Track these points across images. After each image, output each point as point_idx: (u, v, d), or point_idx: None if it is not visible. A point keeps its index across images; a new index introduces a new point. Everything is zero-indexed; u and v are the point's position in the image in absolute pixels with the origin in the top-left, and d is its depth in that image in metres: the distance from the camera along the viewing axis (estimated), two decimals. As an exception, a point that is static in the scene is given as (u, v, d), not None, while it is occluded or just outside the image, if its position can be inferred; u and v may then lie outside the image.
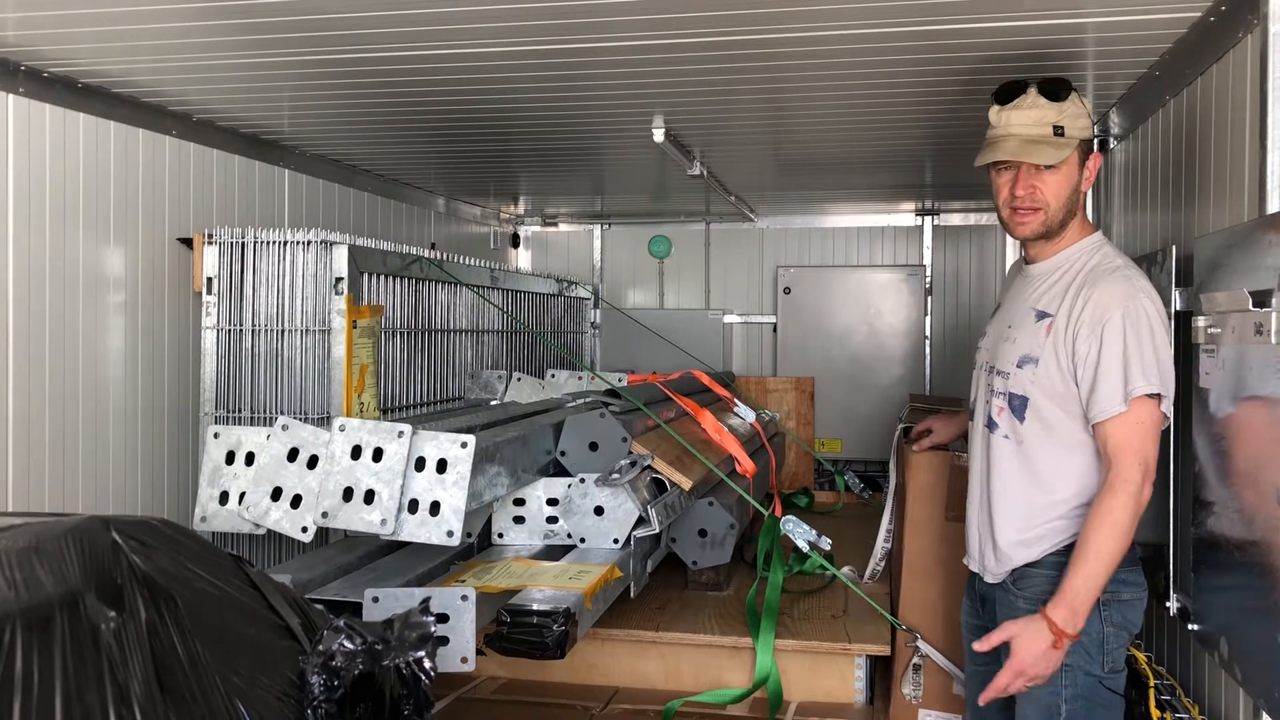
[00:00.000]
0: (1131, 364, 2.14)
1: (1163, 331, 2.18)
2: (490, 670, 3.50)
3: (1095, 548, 2.11)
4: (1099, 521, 2.12)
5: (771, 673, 3.31)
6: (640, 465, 3.24)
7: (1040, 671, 2.15)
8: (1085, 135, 2.31)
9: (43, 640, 1.23)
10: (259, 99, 3.49)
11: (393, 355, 4.02)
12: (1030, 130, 2.28)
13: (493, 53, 2.89)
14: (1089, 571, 2.12)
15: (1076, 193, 2.33)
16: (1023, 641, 2.16)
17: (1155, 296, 2.22)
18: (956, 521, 3.16)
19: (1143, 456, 2.14)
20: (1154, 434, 2.16)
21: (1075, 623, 2.13)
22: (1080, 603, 2.13)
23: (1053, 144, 2.27)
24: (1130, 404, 2.14)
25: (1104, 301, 2.19)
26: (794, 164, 4.86)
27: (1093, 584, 2.12)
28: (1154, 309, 2.19)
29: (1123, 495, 2.12)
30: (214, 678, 1.42)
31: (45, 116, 3.11)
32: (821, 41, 2.75)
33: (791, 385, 6.33)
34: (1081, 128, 2.30)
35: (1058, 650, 2.13)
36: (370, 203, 5.05)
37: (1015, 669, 2.16)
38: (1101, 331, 2.17)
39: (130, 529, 1.49)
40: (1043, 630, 2.15)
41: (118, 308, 3.43)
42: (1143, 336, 2.15)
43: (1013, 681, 2.17)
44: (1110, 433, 2.16)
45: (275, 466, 2.62)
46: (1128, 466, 2.13)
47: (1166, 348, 2.18)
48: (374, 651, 1.67)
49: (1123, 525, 2.11)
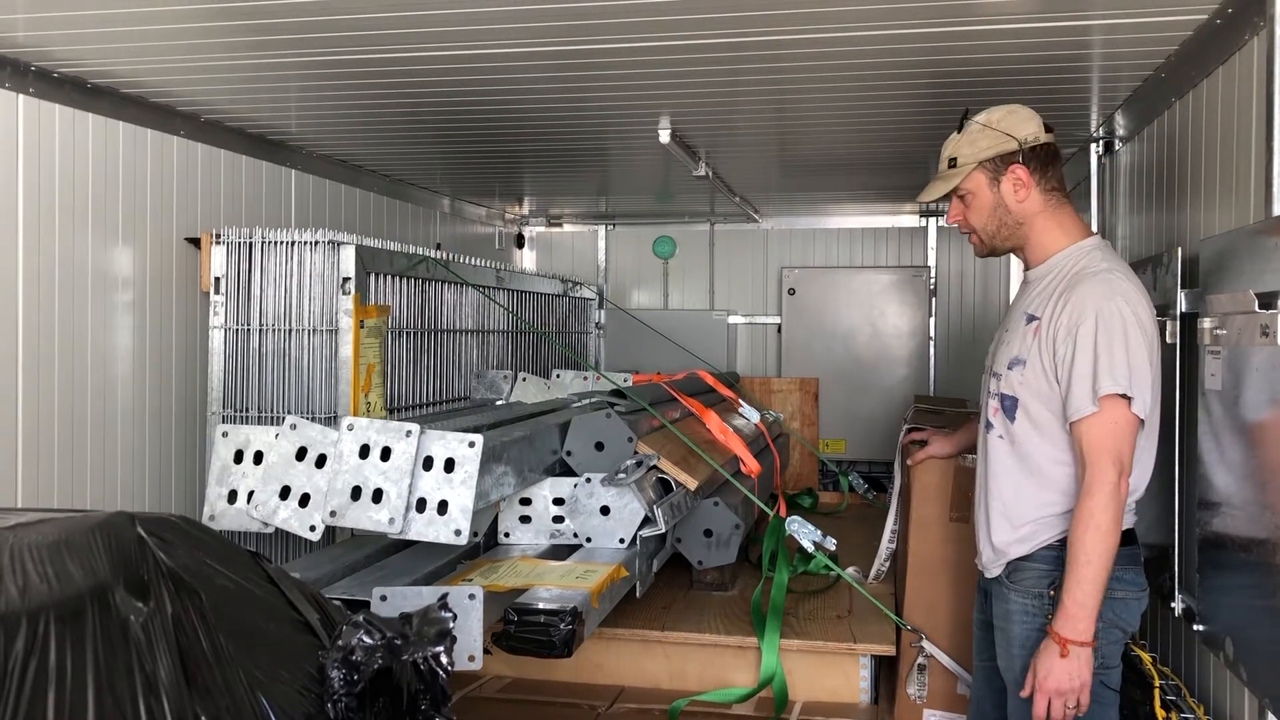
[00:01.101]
0: (1100, 365, 2.16)
1: (1138, 334, 2.18)
2: (497, 669, 3.51)
3: (1084, 551, 2.14)
4: (1083, 526, 2.15)
5: (777, 672, 3.32)
6: (646, 465, 3.25)
7: (1062, 684, 2.15)
8: (986, 155, 2.35)
9: (75, 632, 1.25)
10: (266, 99, 3.50)
11: (399, 355, 4.03)
12: (939, 167, 2.45)
13: (499, 54, 2.90)
14: (1080, 575, 2.14)
15: (1001, 209, 2.37)
16: (1038, 661, 2.19)
17: (1136, 299, 2.22)
18: (960, 522, 3.17)
19: (1116, 455, 2.16)
20: (1127, 433, 2.17)
21: (1078, 628, 2.15)
22: (1078, 607, 2.14)
23: (943, 177, 2.42)
24: (1100, 404, 2.16)
25: (1081, 304, 2.21)
26: (799, 165, 4.87)
27: (1088, 587, 2.14)
28: (1130, 311, 2.19)
29: (1100, 496, 2.14)
30: (237, 671, 1.43)
31: (55, 117, 3.12)
32: (827, 44, 2.76)
33: (796, 386, 6.34)
34: (982, 148, 2.35)
35: (1068, 659, 2.14)
36: (376, 203, 5.06)
37: (1039, 689, 2.18)
38: (1076, 333, 2.20)
39: (153, 525, 1.50)
40: (1049, 645, 2.17)
41: (126, 307, 3.44)
42: (1114, 338, 2.17)
43: (1044, 704, 2.18)
44: (1083, 432, 2.19)
45: (283, 465, 2.62)
46: (1102, 466, 2.15)
47: (1141, 350, 2.18)
48: (393, 646, 1.68)
49: (1105, 525, 2.13)
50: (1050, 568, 2.30)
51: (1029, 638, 2.31)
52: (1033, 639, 2.30)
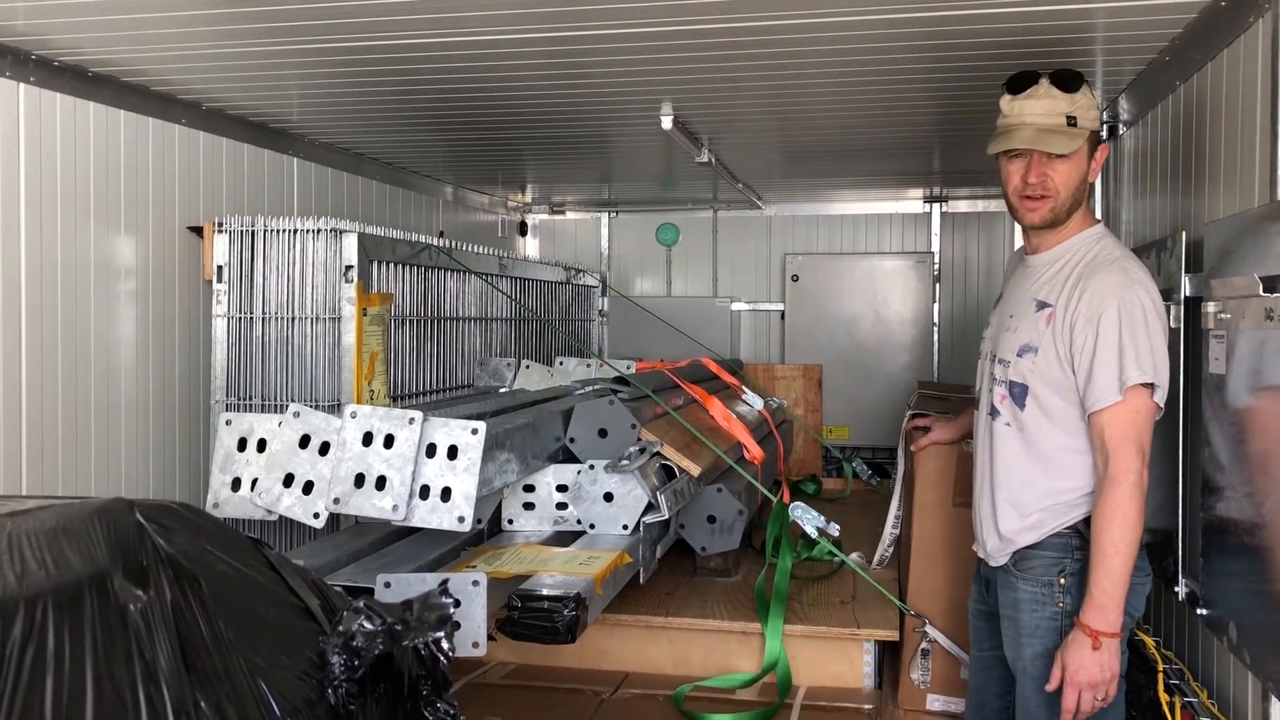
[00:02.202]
0: (1126, 354, 2.16)
1: (1158, 323, 2.19)
2: (501, 656, 3.52)
3: (1112, 542, 2.14)
4: (1109, 517, 2.15)
5: (780, 658, 3.32)
6: (649, 452, 3.25)
7: (1093, 677, 2.15)
8: (1095, 126, 2.34)
9: (73, 619, 1.25)
10: (268, 87, 3.50)
11: (402, 343, 4.03)
12: (1044, 120, 2.30)
13: (502, 40, 2.89)
14: (1109, 567, 2.14)
15: (1084, 183, 2.35)
16: (1067, 654, 2.19)
17: (1152, 288, 2.23)
18: (964, 507, 3.17)
19: (1139, 446, 2.16)
20: (1148, 423, 2.19)
21: (1107, 619, 2.15)
22: (1107, 598, 2.15)
23: (1066, 134, 2.29)
24: (1125, 393, 2.16)
25: (1100, 293, 2.21)
26: (802, 151, 4.86)
27: (1116, 578, 2.14)
28: (1149, 300, 2.20)
29: (1126, 486, 2.14)
30: (237, 657, 1.44)
31: (56, 105, 3.12)
32: (829, 28, 2.74)
33: (799, 373, 6.33)
34: (1092, 119, 2.32)
35: (1100, 651, 2.15)
36: (379, 191, 5.06)
37: (1070, 682, 2.18)
38: (1098, 322, 2.19)
39: (153, 512, 1.50)
40: (1079, 637, 2.17)
41: (129, 296, 3.44)
42: (1137, 327, 2.17)
43: (1075, 697, 2.18)
44: (1106, 422, 2.18)
45: (287, 453, 2.63)
46: (1126, 456, 2.15)
47: (1161, 339, 2.19)
48: (393, 632, 1.69)
49: (1132, 517, 2.14)
50: (1060, 555, 2.29)
51: (1039, 626, 2.31)
52: (1043, 627, 2.30)
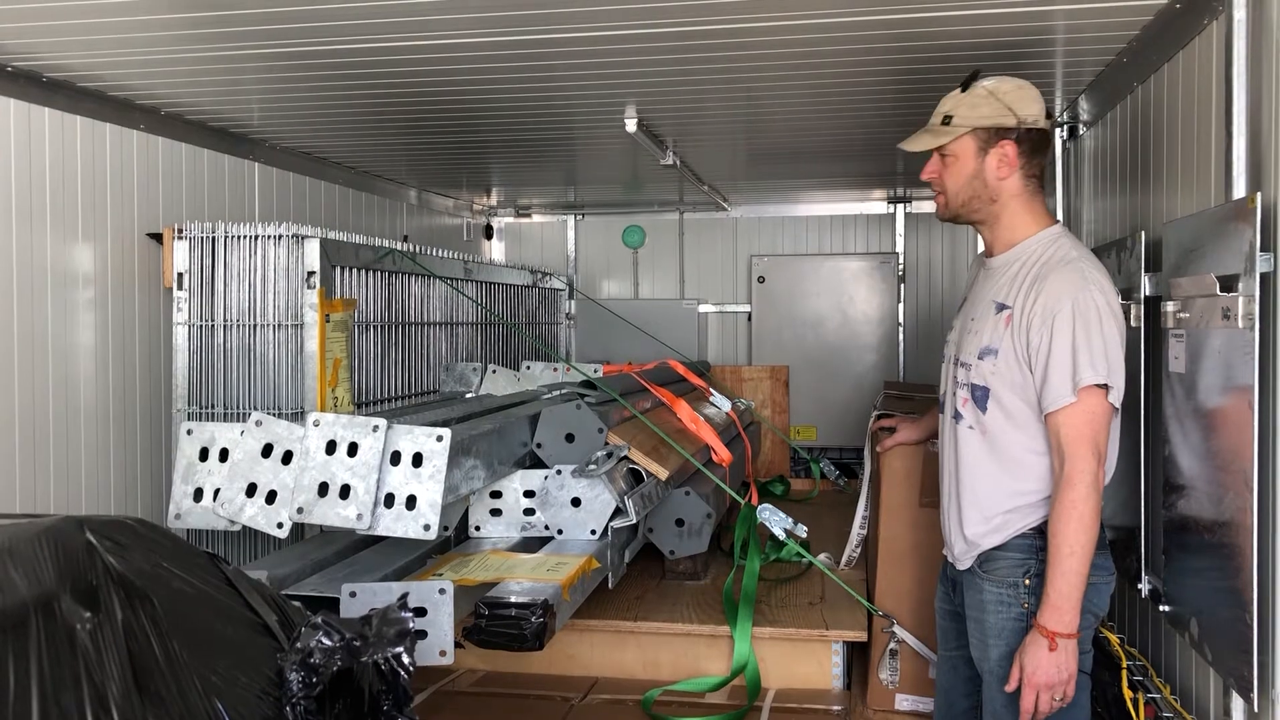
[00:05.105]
0: (1080, 355, 2.16)
1: (1113, 323, 2.19)
2: (469, 663, 3.50)
3: (1068, 543, 2.14)
4: (1065, 517, 2.15)
5: (749, 660, 3.32)
6: (617, 456, 3.24)
7: (1050, 678, 2.16)
8: (984, 124, 2.31)
9: (18, 643, 1.22)
10: (227, 92, 3.46)
11: (366, 349, 4.00)
12: (932, 118, 2.38)
13: (464, 43, 2.87)
14: (1065, 568, 2.14)
15: (978, 180, 2.34)
16: (1025, 655, 2.19)
17: (1108, 288, 2.23)
18: (930, 507, 3.18)
19: (1094, 446, 2.16)
20: (1104, 423, 2.19)
21: (1064, 620, 2.15)
22: (1063, 599, 2.15)
23: (931, 131, 2.37)
24: (1079, 394, 2.16)
25: (1055, 293, 2.21)
26: (766, 153, 4.87)
27: (1072, 579, 2.15)
28: (1104, 301, 2.20)
29: (1082, 487, 2.15)
30: (192, 677, 1.41)
31: (10, 111, 3.07)
32: (791, 30, 2.75)
33: (766, 374, 6.35)
34: (981, 115, 2.31)
35: (1056, 652, 2.15)
36: (341, 195, 5.02)
37: (1027, 683, 2.18)
38: (1052, 323, 2.19)
39: (105, 529, 1.47)
40: (1037, 638, 2.18)
41: (87, 304, 3.39)
42: (1091, 328, 2.17)
43: (1033, 698, 2.18)
44: (1061, 423, 2.19)
45: (249, 463, 2.60)
46: (1082, 457, 2.16)
47: (1116, 339, 2.19)
48: (352, 648, 1.66)
49: (1088, 516, 2.14)
50: (1024, 556, 2.30)
51: (1004, 627, 2.31)
52: (1008, 628, 2.30)
